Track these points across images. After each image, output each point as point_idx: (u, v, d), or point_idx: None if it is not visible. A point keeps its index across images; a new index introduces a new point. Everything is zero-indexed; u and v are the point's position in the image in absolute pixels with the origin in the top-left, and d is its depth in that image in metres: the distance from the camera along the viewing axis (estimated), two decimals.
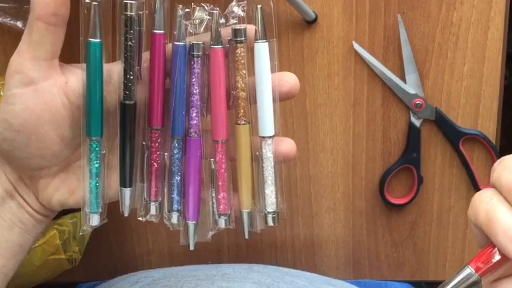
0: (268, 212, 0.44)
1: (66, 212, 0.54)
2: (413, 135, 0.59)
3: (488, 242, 0.33)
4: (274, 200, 0.44)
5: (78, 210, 0.45)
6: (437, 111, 0.59)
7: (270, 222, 0.44)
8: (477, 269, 0.33)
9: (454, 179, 0.61)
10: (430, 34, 0.57)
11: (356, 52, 0.58)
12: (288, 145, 0.44)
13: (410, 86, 0.58)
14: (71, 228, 0.55)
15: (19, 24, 0.54)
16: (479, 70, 0.58)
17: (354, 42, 0.58)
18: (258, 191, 0.45)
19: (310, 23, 0.57)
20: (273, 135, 0.43)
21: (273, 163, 0.44)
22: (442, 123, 0.59)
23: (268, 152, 0.43)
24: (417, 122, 0.59)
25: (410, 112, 0.59)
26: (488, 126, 0.60)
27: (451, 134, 0.59)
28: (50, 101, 0.40)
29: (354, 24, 0.57)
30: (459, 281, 0.33)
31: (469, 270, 0.33)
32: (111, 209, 0.45)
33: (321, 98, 0.59)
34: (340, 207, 0.62)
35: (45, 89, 0.40)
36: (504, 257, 0.32)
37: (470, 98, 0.59)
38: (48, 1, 0.38)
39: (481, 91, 0.59)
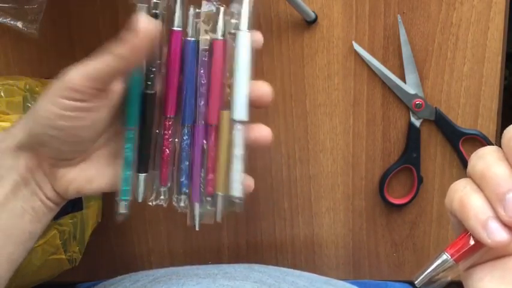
0: (233, 197, 0.45)
1: (66, 211, 0.54)
2: (413, 135, 0.59)
3: (464, 230, 0.34)
4: (240, 185, 0.45)
5: (79, 204, 0.45)
6: (437, 111, 0.59)
7: (236, 207, 0.46)
8: (453, 255, 0.34)
9: (454, 179, 0.61)
10: (430, 34, 0.57)
11: (356, 52, 0.58)
12: (262, 130, 0.45)
13: (410, 86, 0.58)
14: (71, 228, 0.55)
15: (19, 24, 0.54)
16: (479, 70, 0.58)
17: (354, 42, 0.58)
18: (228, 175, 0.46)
19: (310, 23, 0.57)
20: (245, 121, 0.45)
21: (242, 149, 0.45)
22: (441, 123, 0.59)
23: (238, 138, 0.45)
24: (417, 122, 0.59)
25: (410, 112, 0.59)
26: (488, 126, 0.60)
27: (451, 134, 0.60)
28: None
29: (354, 24, 0.57)
30: (436, 267, 0.34)
31: (445, 256, 0.34)
32: (112, 208, 0.45)
33: (321, 98, 0.59)
34: (340, 207, 0.62)
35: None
36: (478, 242, 0.33)
37: (470, 98, 0.59)
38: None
39: (481, 91, 0.59)
